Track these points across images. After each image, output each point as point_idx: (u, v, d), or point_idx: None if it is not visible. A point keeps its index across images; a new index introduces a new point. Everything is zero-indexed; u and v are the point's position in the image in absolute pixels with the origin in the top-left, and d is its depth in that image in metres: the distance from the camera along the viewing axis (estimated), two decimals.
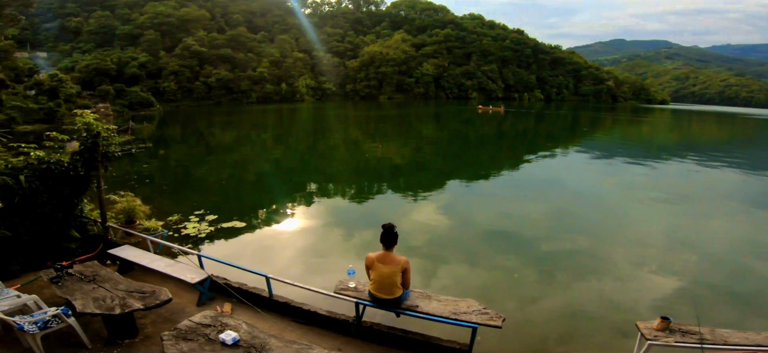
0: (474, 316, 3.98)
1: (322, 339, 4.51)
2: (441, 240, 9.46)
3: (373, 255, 4.25)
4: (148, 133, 32.26)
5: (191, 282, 5.17)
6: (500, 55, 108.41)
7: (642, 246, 9.33)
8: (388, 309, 4.31)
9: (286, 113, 54.44)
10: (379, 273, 4.17)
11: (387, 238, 4.13)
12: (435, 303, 4.26)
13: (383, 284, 4.17)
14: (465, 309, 4.12)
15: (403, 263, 4.20)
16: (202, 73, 71.79)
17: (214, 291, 5.42)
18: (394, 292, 4.21)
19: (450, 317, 4.02)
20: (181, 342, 3.44)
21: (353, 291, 4.50)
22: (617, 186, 16.01)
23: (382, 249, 4.19)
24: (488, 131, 36.97)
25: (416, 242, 8.96)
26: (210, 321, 3.76)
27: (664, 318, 4.26)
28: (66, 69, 57.65)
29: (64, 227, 6.99)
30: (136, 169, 17.19)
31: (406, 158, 21.33)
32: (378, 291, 4.23)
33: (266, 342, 3.46)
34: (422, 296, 4.41)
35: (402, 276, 4.21)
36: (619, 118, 62.27)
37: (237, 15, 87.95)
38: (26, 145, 7.18)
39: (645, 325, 4.34)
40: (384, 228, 4.13)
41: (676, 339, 4.06)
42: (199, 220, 10.44)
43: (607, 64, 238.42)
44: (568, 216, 11.65)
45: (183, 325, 3.68)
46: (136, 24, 75.08)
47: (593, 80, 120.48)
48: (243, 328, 3.66)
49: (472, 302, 4.24)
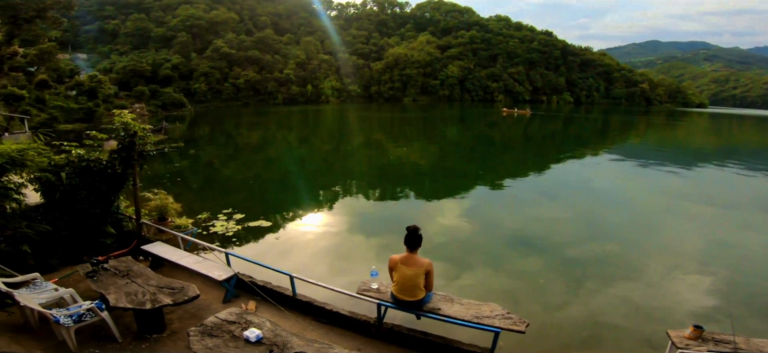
0: (497, 321, 3.92)
1: (342, 339, 4.55)
2: (465, 243, 9.36)
3: (397, 257, 4.26)
4: (179, 133, 33.44)
5: (218, 280, 5.31)
6: (527, 57, 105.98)
7: (675, 254, 8.95)
8: (409, 311, 4.31)
9: (311, 114, 55.21)
10: (402, 274, 4.17)
11: (411, 240, 4.13)
12: (457, 307, 4.22)
13: (406, 286, 4.16)
14: (488, 313, 4.06)
15: (427, 265, 4.19)
16: (230, 74, 73.88)
17: (240, 288, 5.55)
18: (417, 294, 4.19)
19: (472, 321, 3.97)
20: (207, 338, 3.54)
21: (375, 293, 4.51)
22: (651, 191, 15.40)
23: (406, 251, 4.18)
24: (514, 134, 36.33)
25: (440, 245, 8.90)
26: (235, 318, 3.85)
27: (696, 327, 4.09)
28: (104, 70, 60.44)
29: (101, 223, 7.30)
30: (168, 168, 17.83)
31: (430, 161, 21.23)
32: (400, 293, 4.23)
33: (288, 340, 3.52)
34: (445, 299, 4.38)
35: (425, 279, 4.19)
36: (653, 121, 59.89)
37: (264, 17, 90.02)
38: (68, 144, 7.58)
39: (676, 334, 4.17)
40: (408, 230, 4.13)
41: (709, 348, 3.89)
42: (227, 219, 10.73)
43: (641, 65, 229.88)
44: (598, 222, 11.31)
45: (209, 321, 3.78)
46: (169, 26, 77.99)
47: (626, 82, 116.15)
48: (266, 326, 3.73)
49: (495, 306, 4.17)
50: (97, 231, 7.23)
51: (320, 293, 5.29)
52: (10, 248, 6.10)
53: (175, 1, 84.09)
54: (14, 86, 32.53)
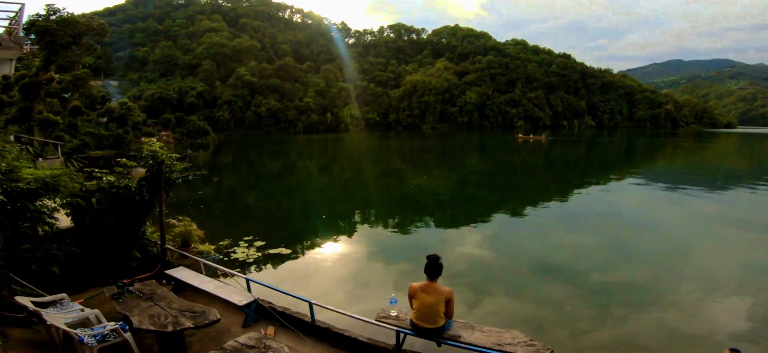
0: (519, 348, 3.79)
1: None
2: (486, 271, 9.17)
3: (417, 284, 4.24)
4: (203, 160, 34.45)
5: (238, 305, 5.35)
6: (546, 81, 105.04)
7: (708, 279, 8.53)
8: (429, 338, 4.22)
9: (331, 143, 56.02)
10: (422, 302, 4.13)
11: (431, 269, 4.13)
12: (478, 334, 4.11)
13: (426, 313, 4.12)
14: (510, 340, 3.94)
15: (448, 293, 4.15)
16: (253, 102, 76.18)
17: (259, 314, 5.57)
18: (437, 322, 4.14)
19: (493, 348, 3.85)
20: None
21: (395, 320, 4.45)
22: (680, 216, 14.81)
23: (426, 279, 4.16)
24: (536, 161, 35.83)
25: (460, 272, 8.74)
26: (254, 343, 3.85)
27: (733, 350, 3.75)
28: (134, 97, 63.06)
29: (128, 247, 7.52)
30: (192, 195, 18.31)
31: (449, 189, 21.07)
32: (420, 321, 4.18)
33: None
34: (465, 326, 4.28)
35: (445, 307, 4.14)
36: (680, 143, 58.20)
37: (284, 45, 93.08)
38: (98, 170, 7.93)
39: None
40: (429, 258, 4.13)
41: None
42: (247, 246, 10.89)
43: (664, 86, 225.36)
44: (626, 248, 10.91)
45: (228, 345, 3.81)
46: (194, 54, 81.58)
47: (649, 104, 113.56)
48: (284, 351, 3.72)
49: (518, 333, 4.05)
50: (124, 254, 7.44)
51: (339, 320, 5.25)
52: (40, 269, 6.35)
53: (200, 28, 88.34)
54: (49, 112, 34.04)
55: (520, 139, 58.67)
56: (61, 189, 6.90)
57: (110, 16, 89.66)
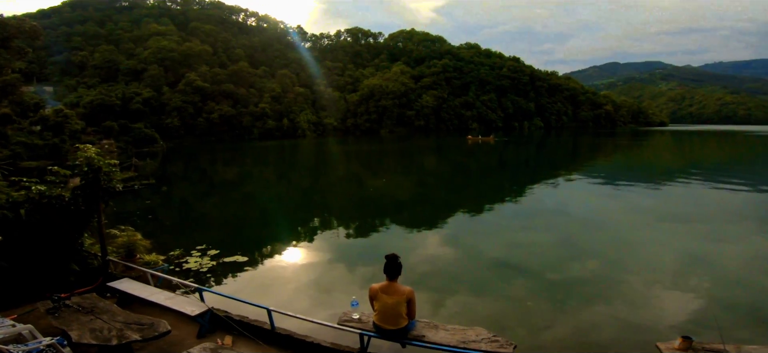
0: (483, 345, 3.81)
1: None
2: (448, 271, 9.25)
3: (377, 285, 4.15)
4: (151, 169, 32.48)
5: (191, 315, 5.02)
6: (498, 84, 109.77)
7: (654, 270, 9.11)
8: (393, 340, 4.16)
9: (288, 149, 54.86)
10: (383, 303, 4.05)
11: (390, 268, 4.06)
12: (442, 333, 4.09)
13: (388, 315, 4.05)
14: (474, 337, 3.95)
15: (408, 293, 4.09)
16: (204, 109, 73.01)
17: (215, 324, 5.26)
18: (400, 323, 4.07)
19: (458, 346, 3.85)
20: None
21: (357, 323, 4.35)
22: (624, 211, 15.79)
23: (386, 280, 4.10)
24: (490, 162, 37.04)
25: (423, 274, 8.76)
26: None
27: (685, 338, 4.04)
28: (71, 104, 58.30)
29: (64, 260, 6.91)
30: (139, 206, 17.18)
31: (408, 191, 21.26)
32: (383, 322, 4.10)
33: None
34: (429, 326, 4.25)
35: (407, 307, 4.09)
36: (619, 143, 62.47)
37: (238, 49, 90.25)
38: (28, 180, 7.20)
39: (666, 346, 4.11)
40: (387, 258, 4.06)
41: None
42: (201, 255, 10.33)
43: (603, 87, 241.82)
44: (577, 244, 11.43)
45: None
46: (139, 58, 76.77)
47: (591, 105, 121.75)
48: None
49: (481, 330, 4.08)
50: (61, 268, 6.84)
51: (300, 326, 5.08)
52: None
53: (147, 32, 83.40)
54: None
55: (470, 140, 61.09)
56: None
57: (44, 18, 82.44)
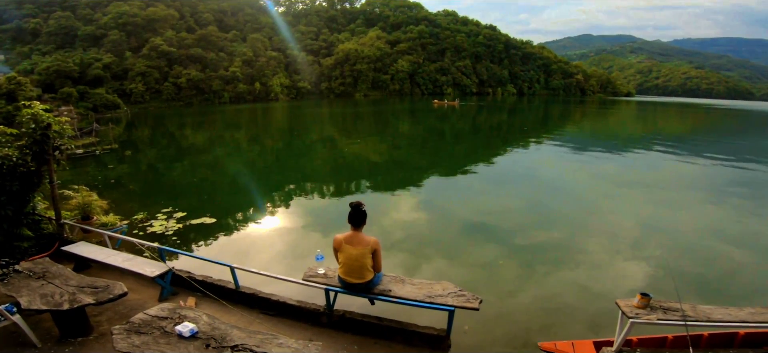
0: (449, 299, 3.83)
1: (292, 330, 4.30)
2: (420, 235, 9.33)
3: (341, 236, 4.02)
4: (113, 135, 30.88)
5: (150, 276, 4.85)
6: (473, 51, 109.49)
7: (615, 235, 9.48)
8: (358, 294, 4.12)
9: (260, 112, 53.33)
10: (347, 255, 3.95)
11: (355, 217, 3.92)
12: (409, 287, 4.08)
13: (352, 267, 3.96)
14: (440, 291, 3.97)
15: (373, 244, 3.97)
16: (171, 73, 69.53)
17: (178, 285, 5.12)
18: (365, 275, 3.99)
19: (424, 300, 3.86)
20: (133, 336, 3.18)
21: (323, 278, 4.28)
22: (589, 177, 16.34)
23: (351, 229, 3.98)
24: (463, 127, 37.25)
25: (398, 239, 8.81)
26: (167, 314, 3.49)
27: (643, 295, 4.12)
28: (25, 71, 54.63)
29: (15, 225, 6.51)
30: (102, 173, 16.43)
31: (383, 155, 21.17)
32: (347, 275, 4.02)
33: (228, 333, 3.24)
34: (395, 280, 4.24)
35: (372, 259, 4.01)
36: (587, 110, 64.06)
37: (207, 14, 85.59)
38: None
39: (625, 303, 4.22)
40: (352, 206, 3.93)
41: (659, 316, 3.96)
42: (167, 218, 10.03)
43: (576, 58, 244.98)
44: (544, 209, 11.74)
45: (136, 318, 3.41)
46: (98, 24, 71.85)
47: (563, 74, 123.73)
48: (203, 320, 3.42)
49: (448, 284, 4.08)
50: (11, 234, 6.44)
51: (266, 284, 5.00)
52: None
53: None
54: None
55: (435, 104, 64.19)
56: None
57: None
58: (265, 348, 2.96)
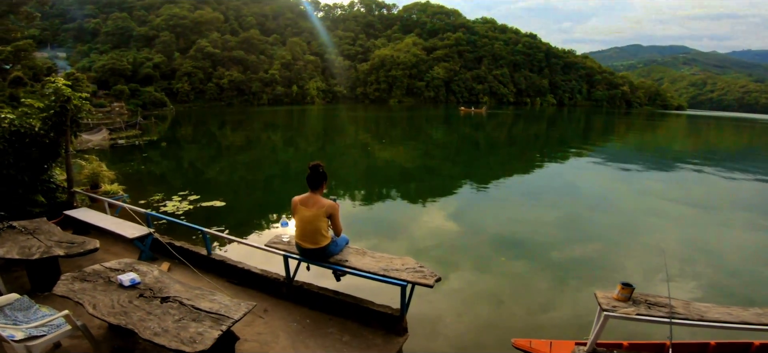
0: (405, 273, 3.56)
1: (251, 298, 4.21)
2: (451, 244, 8.90)
3: (298, 197, 3.82)
4: (160, 131, 32.68)
5: (130, 238, 4.97)
6: (511, 59, 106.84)
7: (656, 254, 8.69)
8: (314, 261, 3.92)
9: (296, 115, 54.55)
10: (301, 217, 3.75)
11: (311, 178, 3.72)
12: (368, 259, 3.85)
13: (306, 230, 3.76)
14: (399, 266, 3.70)
15: (329, 206, 3.74)
16: (214, 74, 72.91)
17: (158, 251, 5.21)
18: (319, 241, 3.77)
19: (379, 273, 3.61)
20: (77, 282, 3.23)
21: (285, 245, 4.13)
22: (632, 193, 15.18)
23: (309, 191, 3.80)
24: (499, 136, 36.25)
25: (427, 247, 8.53)
26: (121, 267, 3.53)
27: (625, 285, 3.66)
28: (83, 69, 59.00)
29: (30, 191, 6.91)
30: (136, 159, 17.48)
31: (415, 162, 20.69)
32: (301, 239, 3.83)
33: (168, 286, 3.20)
34: (357, 252, 4.00)
35: (330, 222, 3.82)
36: (633, 123, 60.75)
37: (250, 17, 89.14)
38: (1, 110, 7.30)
39: (604, 295, 3.78)
40: (309, 167, 3.75)
41: (640, 311, 3.49)
42: (181, 200, 10.38)
43: (622, 69, 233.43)
44: (581, 223, 11.00)
45: (89, 268, 3.47)
46: (151, 26, 76.58)
47: (607, 85, 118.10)
48: (152, 275, 3.41)
49: (409, 260, 3.82)
50: (26, 199, 6.84)
51: (236, 251, 4.97)
52: None
53: (159, 1, 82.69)
54: None
55: (462, 111, 62.52)
56: None
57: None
58: (197, 302, 2.90)
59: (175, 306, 2.87)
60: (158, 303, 2.90)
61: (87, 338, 2.97)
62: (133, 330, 2.54)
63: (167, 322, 2.63)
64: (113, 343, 3.25)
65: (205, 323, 2.62)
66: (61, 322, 2.92)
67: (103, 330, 3.40)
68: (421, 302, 5.29)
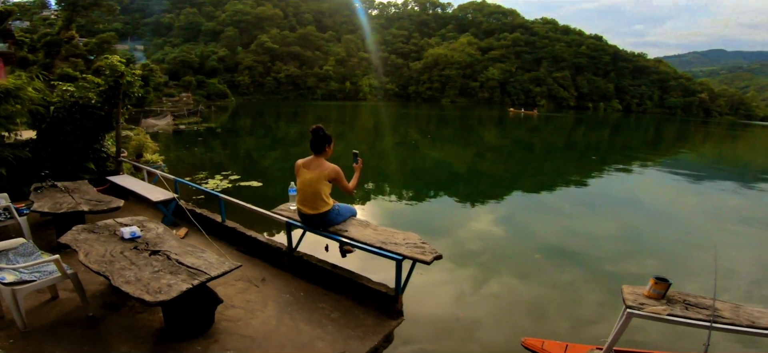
0: (403, 248, 3.28)
1: (253, 267, 4.19)
2: (495, 250, 8.48)
3: (301, 160, 3.69)
4: (218, 119, 34.85)
5: (153, 200, 5.21)
6: (574, 61, 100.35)
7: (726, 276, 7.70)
8: (313, 228, 3.76)
9: (348, 110, 55.44)
10: (302, 180, 3.59)
11: (314, 142, 3.58)
12: (369, 231, 3.63)
13: (306, 194, 3.60)
14: (399, 240, 3.44)
15: (331, 170, 3.53)
16: (273, 68, 76.33)
17: (180, 217, 5.40)
18: (319, 206, 3.59)
19: (375, 245, 3.37)
20: (84, 233, 3.37)
21: (292, 213, 4.02)
22: (704, 208, 13.55)
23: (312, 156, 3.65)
24: (556, 141, 34.25)
25: (472, 251, 8.21)
26: (130, 223, 3.64)
27: (659, 280, 3.08)
28: (157, 60, 64.26)
29: (83, 158, 7.49)
30: (192, 142, 18.66)
31: (465, 163, 20.10)
32: (301, 204, 3.69)
33: (164, 242, 3.24)
34: (360, 224, 3.81)
35: (332, 186, 3.64)
36: (711, 133, 54.89)
37: (307, 14, 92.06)
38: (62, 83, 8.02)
39: (633, 290, 3.24)
40: (311, 131, 3.59)
41: (673, 311, 2.92)
42: (222, 179, 10.88)
43: (702, 75, 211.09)
44: (641, 238, 9.98)
45: (102, 223, 3.61)
46: (218, 20, 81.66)
47: (683, 91, 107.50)
48: (156, 231, 3.48)
49: (412, 235, 3.55)
50: (78, 166, 7.41)
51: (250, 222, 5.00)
52: None
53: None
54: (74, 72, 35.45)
55: (511, 112, 60.20)
56: (22, 96, 6.97)
57: None
58: (185, 258, 2.89)
59: (161, 259, 2.88)
60: (147, 256, 2.93)
61: (75, 287, 3.05)
62: (108, 277, 2.57)
63: (145, 273, 2.64)
64: (107, 299, 3.34)
65: (180, 277, 2.59)
66: (53, 269, 3.03)
67: (103, 286, 3.51)
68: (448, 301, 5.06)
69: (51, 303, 3.26)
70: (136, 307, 3.22)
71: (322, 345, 2.91)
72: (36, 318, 3.04)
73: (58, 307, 3.21)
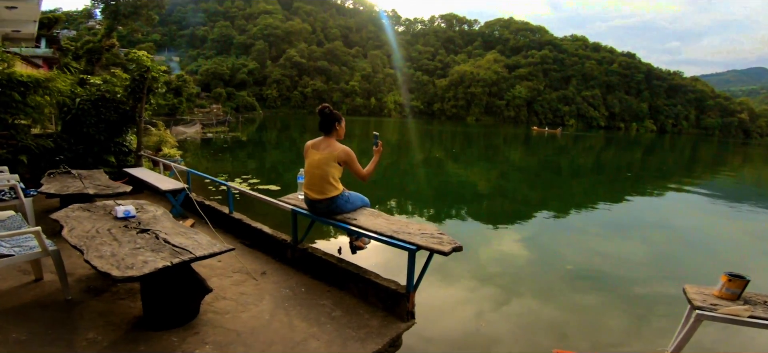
0: (417, 238, 2.89)
1: (255, 260, 3.93)
2: (517, 271, 8.08)
3: (311, 142, 3.41)
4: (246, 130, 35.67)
5: (162, 190, 5.09)
6: (605, 80, 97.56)
7: None
8: (319, 215, 3.44)
9: (373, 126, 55.64)
10: (310, 161, 3.30)
11: (323, 122, 3.32)
12: (381, 221, 3.28)
13: (313, 176, 3.30)
14: (414, 230, 3.07)
15: (342, 151, 3.25)
16: (300, 83, 77.94)
17: (189, 209, 5.25)
18: (326, 190, 3.28)
19: (386, 234, 3.01)
20: (78, 211, 3.21)
21: (300, 202, 3.72)
22: (741, 233, 12.53)
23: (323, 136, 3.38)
24: (585, 162, 33.08)
25: (493, 273, 7.85)
26: (129, 205, 3.45)
27: (733, 277, 2.70)
28: (191, 72, 66.85)
29: (104, 150, 7.54)
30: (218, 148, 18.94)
31: (490, 183, 19.60)
32: (309, 188, 3.38)
33: (157, 222, 3.02)
34: (371, 214, 3.48)
35: (341, 169, 3.33)
36: (751, 155, 51.80)
37: (334, 29, 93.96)
38: (90, 77, 8.22)
39: (698, 289, 2.89)
40: (318, 112, 3.33)
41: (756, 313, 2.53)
42: (241, 182, 10.87)
43: (741, 94, 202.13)
44: (673, 262, 9.28)
45: (101, 203, 3.45)
46: (249, 34, 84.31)
47: (721, 111, 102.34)
48: (153, 214, 3.28)
49: (429, 226, 3.18)
50: (99, 158, 7.46)
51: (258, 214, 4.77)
52: (8, 155, 6.50)
53: (257, 10, 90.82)
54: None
55: (535, 131, 59.57)
56: (51, 87, 7.16)
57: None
58: (173, 238, 2.65)
59: (148, 237, 2.66)
60: (133, 234, 2.72)
61: (55, 266, 2.86)
62: (83, 250, 2.35)
63: (124, 249, 2.40)
64: (92, 284, 3.14)
65: (161, 254, 2.35)
66: (35, 245, 2.85)
67: (91, 270, 3.32)
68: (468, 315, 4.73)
69: (32, 285, 3.08)
70: (120, 292, 3.00)
71: (317, 345, 2.58)
72: (9, 299, 2.86)
73: (38, 289, 3.02)
